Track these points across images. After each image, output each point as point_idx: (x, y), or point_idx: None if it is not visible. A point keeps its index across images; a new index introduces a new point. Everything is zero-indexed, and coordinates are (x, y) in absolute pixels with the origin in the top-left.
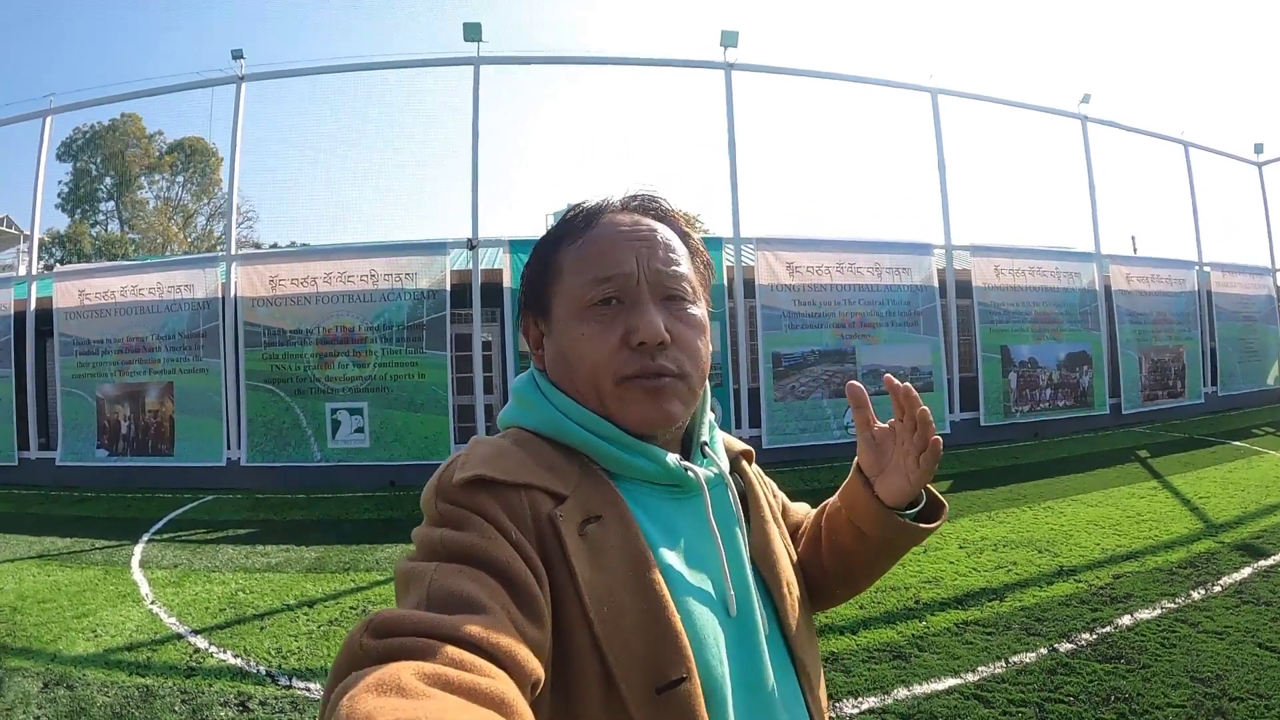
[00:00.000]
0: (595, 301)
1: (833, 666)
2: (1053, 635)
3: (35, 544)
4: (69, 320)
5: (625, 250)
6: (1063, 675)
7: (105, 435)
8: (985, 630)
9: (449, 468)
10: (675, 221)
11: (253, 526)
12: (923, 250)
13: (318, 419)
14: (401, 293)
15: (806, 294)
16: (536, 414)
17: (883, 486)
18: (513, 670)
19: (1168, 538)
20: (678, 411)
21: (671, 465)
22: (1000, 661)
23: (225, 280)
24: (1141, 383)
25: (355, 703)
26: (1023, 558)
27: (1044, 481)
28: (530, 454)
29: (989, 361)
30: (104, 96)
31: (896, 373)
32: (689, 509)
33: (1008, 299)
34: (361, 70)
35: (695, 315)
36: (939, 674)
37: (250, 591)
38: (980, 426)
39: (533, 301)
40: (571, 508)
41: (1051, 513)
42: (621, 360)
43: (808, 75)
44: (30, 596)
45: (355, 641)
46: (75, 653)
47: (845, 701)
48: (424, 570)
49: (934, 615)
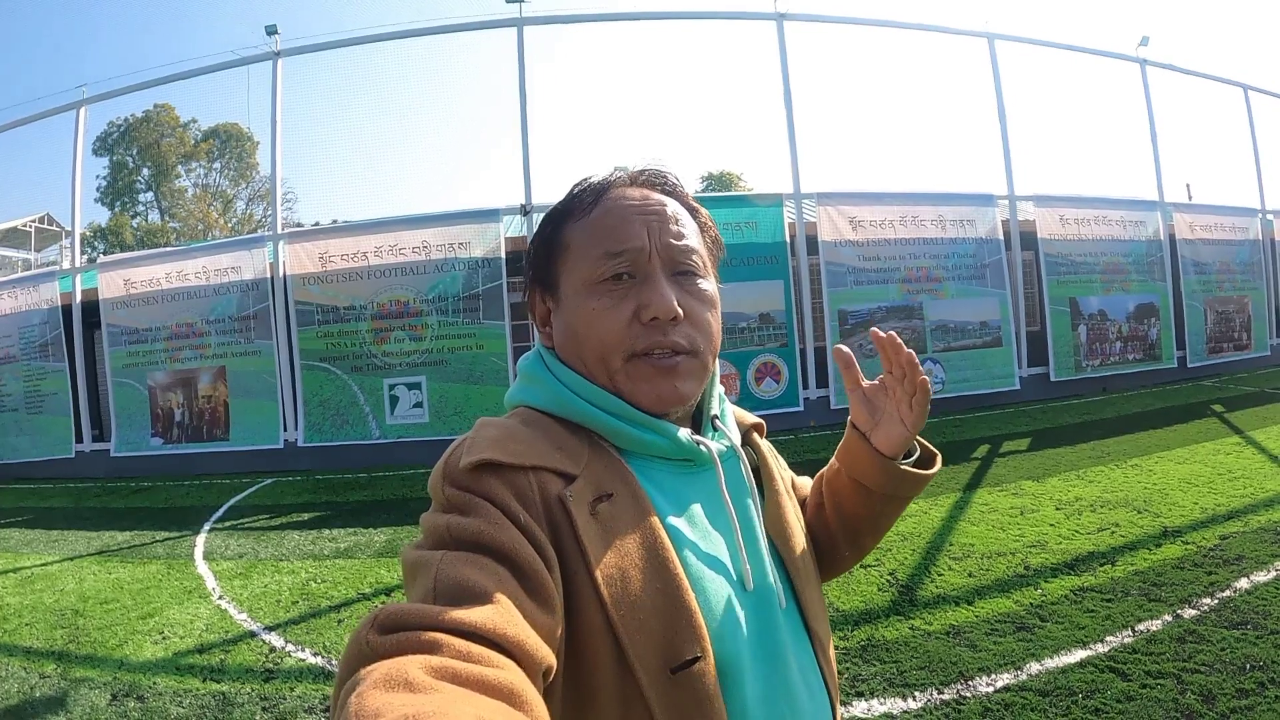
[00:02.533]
0: (606, 276)
1: (957, 641)
2: (1174, 601)
3: (94, 540)
4: (116, 310)
5: (636, 224)
6: (1193, 644)
7: (159, 423)
8: (1104, 598)
9: (456, 450)
10: (683, 196)
11: (316, 510)
12: (986, 201)
13: (375, 395)
14: (456, 262)
15: (871, 249)
16: (544, 392)
17: (879, 438)
18: (522, 659)
19: (1265, 495)
20: (690, 390)
21: (683, 440)
22: (1127, 630)
23: (273, 260)
24: (1207, 334)
25: (363, 700)
26: (1124, 519)
27: (1125, 438)
28: (539, 434)
29: (1058, 314)
30: (138, 83)
31: (964, 328)
32: (701, 483)
33: (1074, 250)
34: (400, 39)
35: (706, 290)
36: (1067, 645)
37: (322, 580)
38: (1049, 382)
39: (540, 277)
40: (582, 487)
41: (1140, 470)
42: (633, 336)
43: (861, 23)
44: (92, 597)
45: (361, 639)
46: (144, 658)
47: (978, 679)
48: (431, 559)
49: (1047, 582)
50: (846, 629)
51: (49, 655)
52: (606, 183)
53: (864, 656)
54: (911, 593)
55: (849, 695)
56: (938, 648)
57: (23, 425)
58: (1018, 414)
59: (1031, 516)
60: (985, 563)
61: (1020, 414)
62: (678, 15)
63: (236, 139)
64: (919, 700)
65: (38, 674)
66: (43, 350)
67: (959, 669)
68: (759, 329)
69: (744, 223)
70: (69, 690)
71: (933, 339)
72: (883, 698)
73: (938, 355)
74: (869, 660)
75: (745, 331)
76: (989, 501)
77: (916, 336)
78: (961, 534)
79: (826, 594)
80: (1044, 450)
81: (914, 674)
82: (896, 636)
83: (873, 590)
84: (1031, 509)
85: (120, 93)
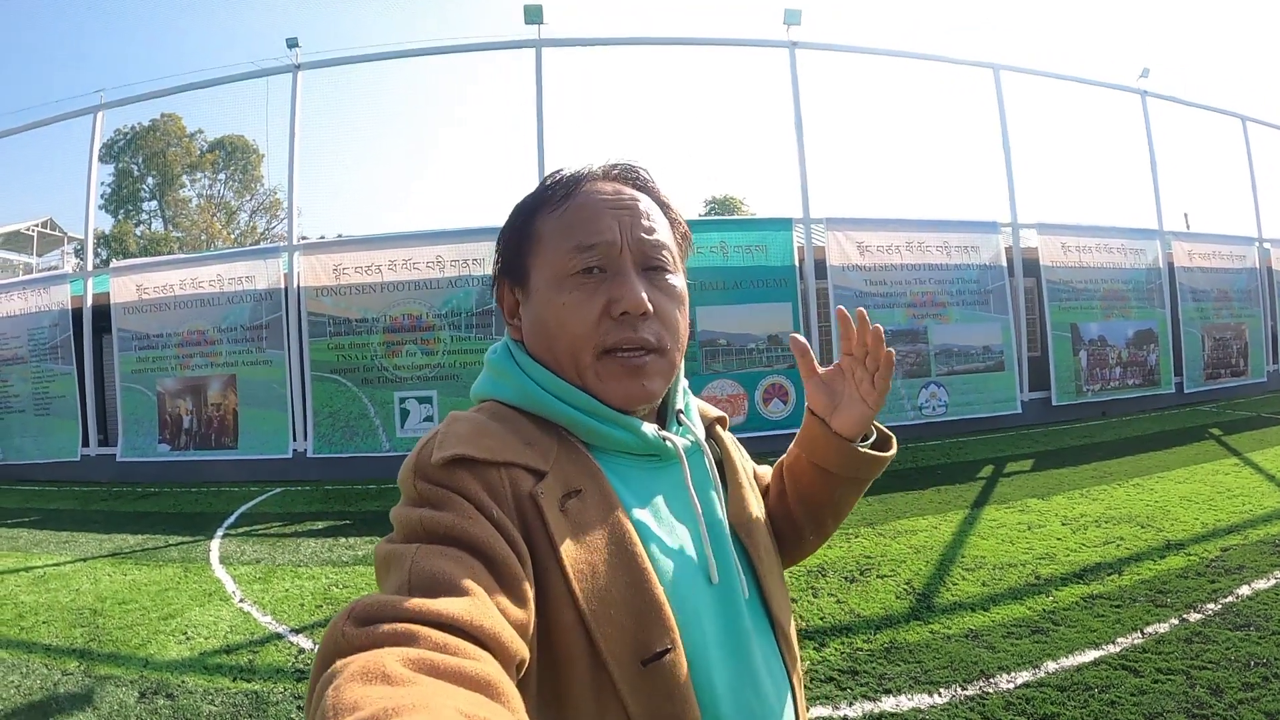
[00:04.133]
0: (577, 270)
1: (976, 643)
2: (1179, 606)
3: (106, 542)
4: (127, 315)
5: (608, 218)
6: (1200, 644)
7: (166, 430)
8: (1113, 604)
9: (427, 445)
10: (655, 191)
11: (328, 519)
12: (990, 229)
13: (386, 408)
14: (470, 279)
15: (878, 274)
16: (513, 387)
17: (839, 421)
18: (497, 651)
19: (1264, 511)
20: (658, 388)
21: (649, 436)
22: (1136, 633)
23: (287, 271)
24: (1204, 361)
25: (340, 693)
26: (1128, 533)
27: (1126, 459)
28: (509, 430)
29: (1059, 340)
30: (156, 90)
31: (968, 352)
32: (667, 478)
33: (1075, 276)
34: (420, 55)
35: (675, 286)
36: (1080, 646)
37: (344, 586)
38: (1051, 406)
39: (510, 269)
40: (551, 483)
41: (1142, 489)
42: (603, 330)
43: (870, 53)
44: (110, 597)
45: (337, 630)
46: (169, 657)
47: (999, 677)
48: (405, 553)
49: (1058, 590)
50: (869, 633)
51: (70, 653)
52: (579, 176)
53: (888, 657)
54: (929, 600)
55: (876, 692)
56: (958, 649)
57: (29, 427)
58: (1020, 437)
59: (1039, 531)
60: (997, 573)
61: (1022, 437)
62: (693, 41)
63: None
64: (944, 696)
65: (59, 671)
66: (51, 352)
67: (980, 668)
68: (767, 350)
69: (754, 245)
70: (94, 687)
71: (936, 363)
72: (910, 694)
73: (941, 379)
74: (893, 661)
75: (754, 353)
76: (997, 518)
77: (921, 360)
78: (973, 547)
79: (845, 600)
80: (1047, 470)
81: (938, 673)
82: (918, 639)
83: (891, 598)
84: (1039, 524)
85: (139, 99)
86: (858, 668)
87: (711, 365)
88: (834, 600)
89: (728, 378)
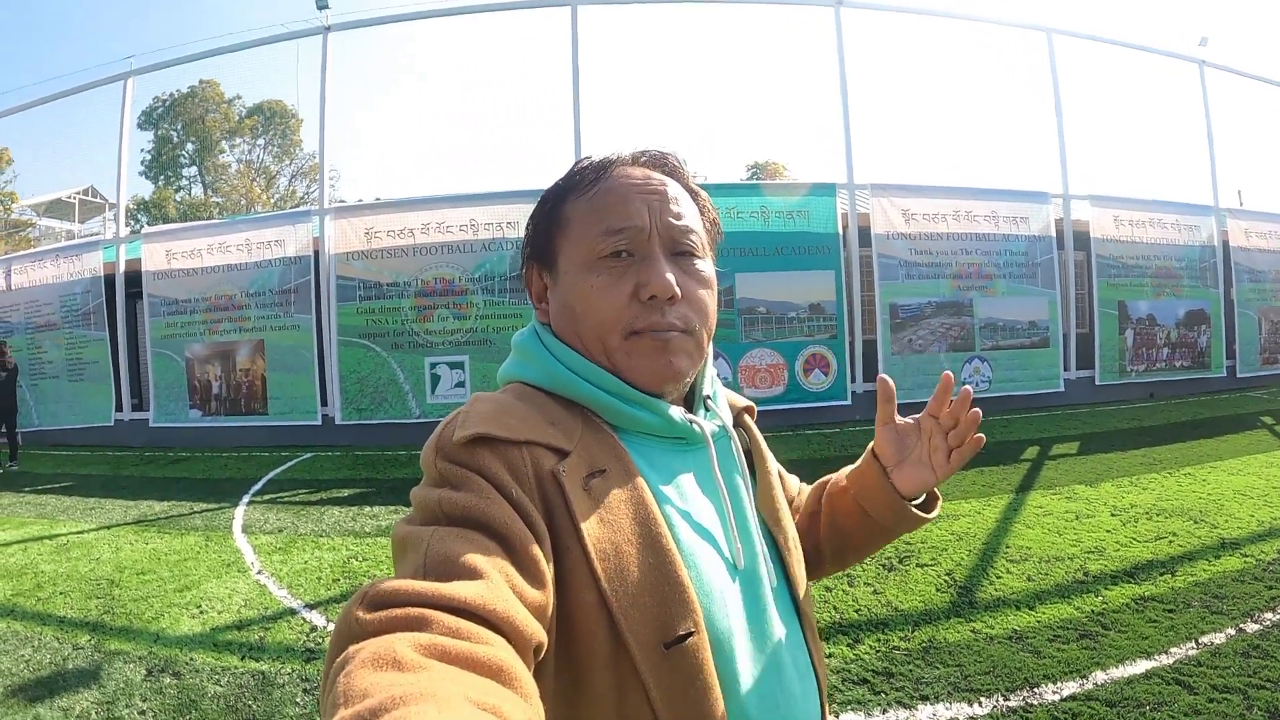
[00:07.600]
0: (606, 253)
1: (1020, 647)
2: (1236, 614)
3: (132, 509)
4: (157, 281)
5: (638, 203)
6: (1258, 659)
7: (197, 395)
8: (1166, 608)
9: (449, 425)
10: (684, 177)
11: (356, 486)
12: (1040, 199)
13: (416, 374)
14: (504, 242)
15: (923, 243)
16: (539, 368)
17: (900, 477)
18: (511, 636)
19: None
20: (685, 367)
21: (675, 418)
22: (1190, 643)
23: (318, 235)
24: (1260, 344)
25: (352, 680)
26: (1181, 528)
27: (1176, 446)
28: (533, 409)
29: (1105, 317)
30: (185, 56)
31: (1013, 327)
32: (693, 461)
33: (1126, 252)
34: (453, 15)
35: (704, 271)
36: (1131, 655)
37: (364, 559)
38: (1095, 386)
39: (538, 253)
40: (575, 462)
41: (1194, 480)
42: (631, 314)
43: (919, 13)
44: (129, 567)
45: (351, 616)
46: (180, 633)
47: (1044, 687)
48: (422, 535)
49: (1108, 590)
50: (906, 629)
51: (83, 626)
52: (608, 161)
53: (926, 659)
54: (970, 594)
55: (913, 698)
56: (1001, 652)
57: (63, 392)
58: (1065, 417)
59: (1087, 522)
60: (1044, 567)
61: (1067, 417)
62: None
63: (280, 116)
64: (985, 706)
65: (70, 645)
66: (84, 319)
67: (1024, 675)
68: (809, 319)
69: (796, 211)
70: (103, 663)
71: (981, 336)
72: (948, 702)
73: (985, 353)
74: (931, 663)
75: (795, 321)
76: (1043, 504)
77: (965, 333)
78: (1018, 536)
79: (882, 591)
80: (1095, 454)
81: (978, 679)
82: (958, 639)
83: (930, 590)
84: (1087, 514)
85: (168, 65)
86: (893, 669)
87: (751, 334)
88: (870, 590)
89: (767, 346)
